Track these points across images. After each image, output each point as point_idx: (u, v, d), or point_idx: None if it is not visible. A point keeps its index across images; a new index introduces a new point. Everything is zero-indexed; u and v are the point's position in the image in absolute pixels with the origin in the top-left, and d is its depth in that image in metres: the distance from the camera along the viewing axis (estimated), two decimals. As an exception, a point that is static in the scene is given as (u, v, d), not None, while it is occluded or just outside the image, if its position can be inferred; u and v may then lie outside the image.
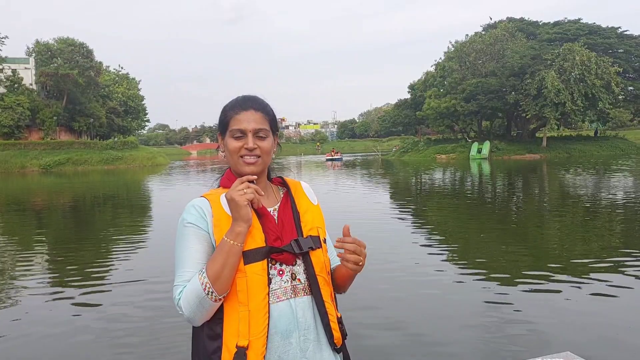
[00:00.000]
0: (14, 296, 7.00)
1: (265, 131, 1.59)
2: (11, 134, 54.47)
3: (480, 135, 57.61)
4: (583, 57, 45.45)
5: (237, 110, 1.59)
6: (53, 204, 20.58)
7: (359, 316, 5.49)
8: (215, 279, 1.42)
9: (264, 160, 1.60)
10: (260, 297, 1.47)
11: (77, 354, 4.88)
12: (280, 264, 1.54)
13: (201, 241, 1.52)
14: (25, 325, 5.72)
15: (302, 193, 1.71)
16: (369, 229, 11.16)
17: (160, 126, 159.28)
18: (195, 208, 1.55)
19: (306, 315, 1.53)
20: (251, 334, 1.45)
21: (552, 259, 8.08)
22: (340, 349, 1.62)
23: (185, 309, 1.45)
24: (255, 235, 1.50)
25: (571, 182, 22.21)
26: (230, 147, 1.58)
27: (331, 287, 1.62)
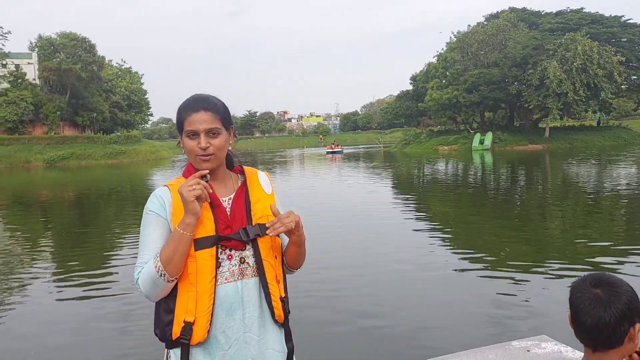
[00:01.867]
0: (20, 289, 7.17)
1: (217, 129, 1.70)
2: (15, 129, 54.69)
3: (483, 126, 57.51)
4: (585, 47, 45.28)
5: (188, 112, 1.71)
6: (58, 198, 20.80)
7: (361, 302, 5.67)
8: (167, 263, 1.60)
9: (218, 155, 1.72)
10: (207, 279, 1.64)
11: (83, 346, 5.05)
12: (230, 250, 1.70)
13: (160, 227, 1.70)
14: (32, 317, 5.88)
15: (257, 183, 1.84)
16: (371, 221, 11.32)
17: (164, 120, 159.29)
18: (157, 197, 1.73)
19: (252, 295, 1.70)
20: (197, 311, 1.63)
21: (554, 248, 8.24)
22: (283, 325, 1.78)
23: (142, 287, 1.65)
24: (206, 224, 1.67)
25: (574, 173, 22.28)
26: (186, 147, 1.72)
27: (277, 270, 1.77)
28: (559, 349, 2.79)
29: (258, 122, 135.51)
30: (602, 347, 1.52)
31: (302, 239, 1.76)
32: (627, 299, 1.48)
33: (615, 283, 1.51)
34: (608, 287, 1.50)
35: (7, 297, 6.67)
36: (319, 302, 5.82)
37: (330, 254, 8.03)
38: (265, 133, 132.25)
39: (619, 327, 1.46)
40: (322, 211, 12.73)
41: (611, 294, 1.49)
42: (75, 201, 19.69)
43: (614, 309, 1.46)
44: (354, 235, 9.75)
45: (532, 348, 2.82)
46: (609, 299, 1.48)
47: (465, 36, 56.65)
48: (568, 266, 6.90)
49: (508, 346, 2.88)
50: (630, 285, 1.52)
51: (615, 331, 1.47)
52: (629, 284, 1.52)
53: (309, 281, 6.33)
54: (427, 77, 63.67)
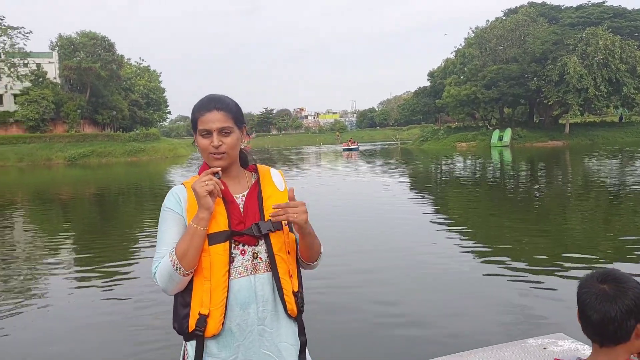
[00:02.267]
0: (41, 284, 7.33)
1: (229, 128, 1.77)
2: (37, 127, 55.58)
3: (502, 122, 56.89)
4: (607, 42, 44.50)
5: (202, 112, 1.77)
6: (79, 195, 21.15)
7: (376, 298, 5.68)
8: (182, 257, 1.66)
9: (230, 154, 1.79)
10: (220, 273, 1.70)
11: (104, 340, 5.13)
12: (243, 245, 1.76)
13: (177, 224, 1.77)
14: (51, 311, 6.01)
15: (269, 180, 1.89)
16: (388, 218, 11.31)
17: (182, 118, 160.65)
18: (173, 195, 1.82)
19: (265, 289, 1.75)
20: (212, 304, 1.70)
21: (574, 246, 8.14)
22: (296, 319, 1.83)
23: (159, 281, 1.72)
24: (220, 220, 1.73)
25: (595, 170, 21.95)
26: (200, 145, 1.79)
27: (290, 265, 1.80)
28: (575, 346, 2.77)
29: (275, 119, 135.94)
30: (608, 343, 1.52)
31: (306, 231, 1.77)
32: (633, 295, 1.48)
33: (622, 279, 1.52)
34: (615, 282, 1.51)
35: (27, 292, 6.81)
36: (334, 297, 5.85)
37: (346, 249, 8.05)
38: (281, 130, 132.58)
39: (625, 322, 1.47)
40: (338, 208, 12.74)
41: (617, 290, 1.50)
42: (96, 198, 20.00)
43: (620, 305, 1.47)
44: (371, 231, 9.76)
45: (548, 346, 2.81)
46: (616, 295, 1.49)
47: (483, 32, 56.06)
48: (587, 263, 6.82)
49: (524, 344, 2.86)
50: (638, 282, 1.52)
51: (621, 327, 1.48)
52: (638, 281, 1.52)
53: (323, 277, 6.36)
54: (444, 73, 63.17)
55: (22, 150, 51.33)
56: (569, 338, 2.89)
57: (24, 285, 7.22)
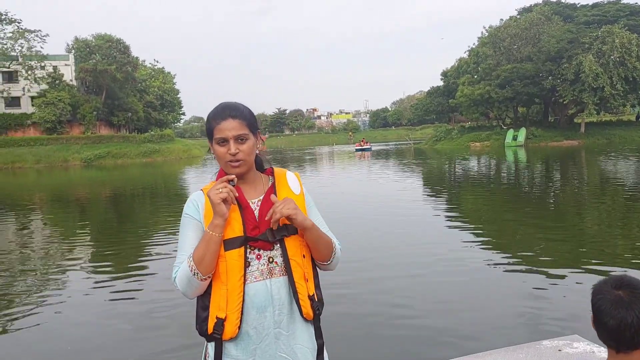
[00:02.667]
0: (58, 283, 7.44)
1: (245, 135, 1.81)
2: (54, 129, 56.31)
3: (516, 122, 56.42)
4: (623, 40, 43.97)
5: (217, 120, 1.81)
6: (95, 196, 21.42)
7: (391, 298, 5.72)
8: (199, 262, 1.72)
9: (247, 160, 1.83)
10: (236, 278, 1.75)
11: (121, 342, 5.21)
12: (258, 250, 1.80)
13: (195, 229, 1.83)
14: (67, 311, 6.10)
15: (285, 183, 1.92)
16: (402, 218, 11.32)
17: (196, 118, 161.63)
18: (192, 201, 1.87)
19: (281, 293, 1.79)
20: (228, 308, 1.75)
21: (590, 247, 8.09)
22: (313, 322, 1.86)
23: (179, 285, 1.79)
24: (235, 225, 1.78)
25: (611, 169, 21.72)
26: (217, 153, 1.84)
27: (305, 269, 1.83)
28: (591, 349, 2.79)
29: (288, 119, 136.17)
30: (625, 348, 1.54)
31: (302, 225, 1.78)
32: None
33: (637, 285, 1.53)
34: (630, 288, 1.53)
35: (44, 293, 6.92)
36: (345, 297, 5.89)
37: (361, 249, 8.08)
38: (294, 130, 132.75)
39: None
40: (352, 208, 12.78)
41: (633, 296, 1.52)
42: (112, 199, 20.24)
43: (637, 310, 1.49)
44: (385, 231, 9.78)
45: (563, 348, 2.83)
46: (631, 301, 1.51)
47: (497, 30, 55.64)
48: (604, 265, 6.78)
49: (539, 345, 2.89)
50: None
51: (638, 332, 1.49)
52: None
53: (334, 275, 6.40)
54: (458, 72, 62.81)
55: (40, 152, 52.07)
56: (585, 340, 2.91)
57: (40, 285, 7.36)
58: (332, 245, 1.90)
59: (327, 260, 1.91)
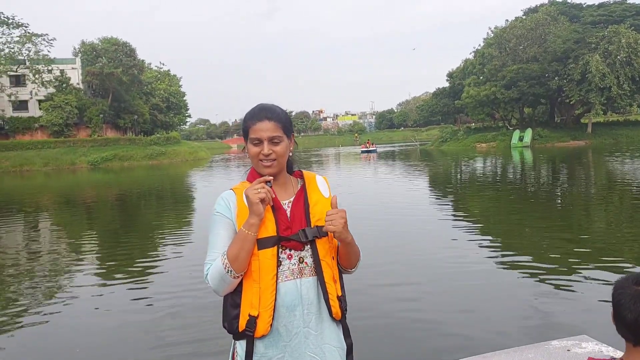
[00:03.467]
0: (65, 284, 7.49)
1: (279, 137, 1.86)
2: (61, 132, 56.73)
3: (522, 122, 56.26)
4: (630, 39, 43.81)
5: (254, 121, 1.86)
6: (102, 199, 21.54)
7: (398, 298, 5.74)
8: (233, 260, 1.75)
9: (279, 162, 1.87)
10: (269, 277, 1.78)
11: (128, 345, 5.24)
12: (290, 250, 1.83)
13: (226, 228, 1.85)
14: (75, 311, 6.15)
15: (315, 187, 1.97)
16: (408, 219, 11.33)
17: (201, 121, 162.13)
18: (224, 200, 1.89)
19: (310, 293, 1.83)
20: (261, 306, 1.77)
21: (597, 247, 8.07)
22: (340, 322, 1.90)
23: (211, 282, 1.80)
24: (268, 225, 1.81)
25: (618, 169, 21.62)
26: (250, 152, 1.88)
27: (334, 270, 1.88)
28: (599, 348, 2.80)
29: (294, 121, 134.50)
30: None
31: (344, 238, 1.82)
32: None
33: None
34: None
35: (52, 294, 6.97)
36: (352, 298, 5.91)
37: (368, 250, 8.09)
38: (301, 132, 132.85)
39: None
40: (360, 209, 12.80)
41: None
42: (119, 201, 20.35)
43: None
44: (392, 232, 9.79)
45: (572, 348, 2.84)
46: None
47: (503, 31, 55.54)
48: (610, 265, 6.77)
49: (548, 345, 2.90)
50: None
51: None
52: None
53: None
54: (464, 73, 62.72)
55: (47, 154, 52.46)
56: (593, 340, 2.92)
57: (49, 285, 7.41)
58: (359, 256, 1.96)
59: (353, 268, 1.98)
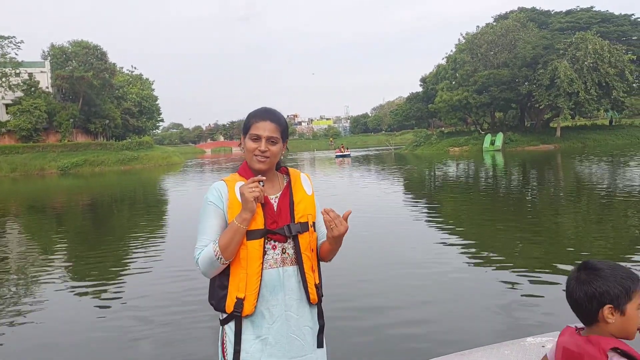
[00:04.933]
0: (36, 294, 7.28)
1: (276, 138, 2.07)
2: (29, 137, 55.37)
3: (494, 127, 57.27)
4: (596, 46, 45.02)
5: (257, 119, 2.07)
6: (72, 205, 21.08)
7: (374, 301, 5.75)
8: (224, 249, 1.95)
9: (272, 160, 2.08)
10: (255, 264, 1.99)
11: (97, 351, 5.14)
12: (275, 241, 2.05)
13: (217, 217, 2.04)
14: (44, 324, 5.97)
15: (299, 185, 2.18)
16: (384, 223, 11.39)
17: (174, 125, 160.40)
18: (216, 189, 2.07)
19: (291, 280, 2.05)
20: (247, 289, 1.99)
21: (567, 247, 8.26)
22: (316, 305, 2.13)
23: (201, 266, 2.00)
24: (257, 219, 2.00)
25: (586, 173, 22.16)
26: (247, 147, 2.07)
27: (313, 261, 2.11)
28: (573, 344, 2.85)
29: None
30: (585, 323, 1.70)
31: (337, 246, 2.11)
32: (601, 283, 1.61)
33: (601, 269, 1.64)
34: (590, 270, 1.66)
35: (21, 302, 6.79)
36: (332, 301, 5.91)
37: (345, 255, 8.10)
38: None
39: (589, 305, 1.62)
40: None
41: (589, 276, 1.65)
42: (90, 207, 19.95)
43: (585, 289, 1.63)
44: (367, 236, 9.82)
45: (547, 344, 2.88)
46: (585, 280, 1.64)
47: (474, 37, 56.48)
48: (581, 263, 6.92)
49: (523, 342, 2.94)
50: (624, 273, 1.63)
51: (586, 309, 1.64)
52: (624, 272, 1.63)
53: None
54: (436, 78, 63.52)
55: (15, 160, 51.08)
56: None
57: (17, 295, 7.21)
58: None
59: (330, 259, 2.22)
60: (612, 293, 1.59)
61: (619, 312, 1.60)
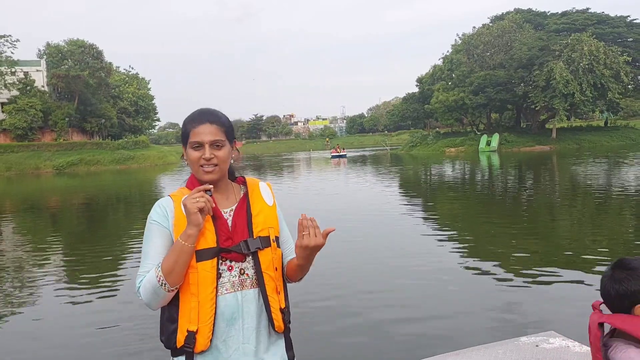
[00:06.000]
0: (30, 294, 7.27)
1: (221, 141, 1.75)
2: (25, 136, 55.19)
3: (489, 127, 57.44)
4: (591, 47, 45.20)
5: (194, 124, 1.75)
6: (67, 204, 21.03)
7: (369, 302, 5.78)
8: (168, 273, 1.63)
9: (221, 167, 1.76)
10: (208, 290, 1.68)
11: (89, 351, 5.13)
12: (230, 261, 1.74)
13: (162, 237, 1.73)
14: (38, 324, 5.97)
15: (258, 194, 1.86)
16: (378, 224, 11.41)
17: (171, 125, 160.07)
18: (160, 207, 1.76)
19: (251, 305, 1.74)
20: (200, 321, 1.67)
21: (561, 248, 8.30)
22: (283, 334, 1.83)
23: (143, 295, 1.68)
24: (208, 236, 1.70)
25: (581, 174, 22.26)
26: (190, 157, 1.75)
27: (277, 282, 1.80)
28: (566, 344, 2.89)
29: (264, 125, 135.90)
30: None
31: (308, 263, 1.79)
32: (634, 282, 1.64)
33: (635, 268, 1.67)
34: (625, 269, 1.69)
35: (14, 303, 6.80)
36: (330, 299, 5.93)
37: (337, 257, 8.13)
38: (271, 136, 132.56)
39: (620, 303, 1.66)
40: (329, 215, 12.83)
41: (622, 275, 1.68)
42: (85, 207, 19.91)
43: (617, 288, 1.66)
44: (362, 238, 9.84)
45: (540, 343, 2.92)
46: (619, 279, 1.67)
47: (470, 38, 56.65)
48: (575, 264, 6.97)
49: (517, 341, 2.97)
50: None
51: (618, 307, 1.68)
52: None
53: (320, 279, 6.44)
54: (433, 79, 63.67)
55: (10, 159, 50.91)
56: (560, 335, 3.01)
57: (10, 295, 7.20)
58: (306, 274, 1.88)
59: (297, 281, 1.92)
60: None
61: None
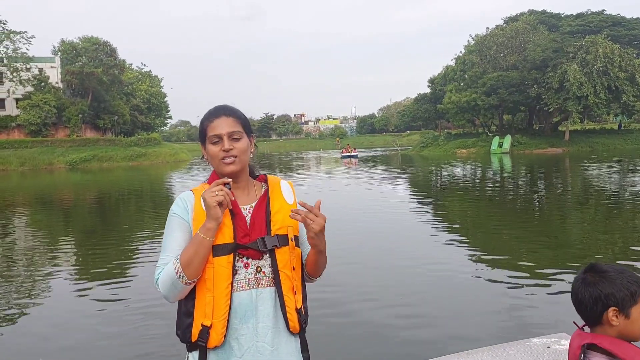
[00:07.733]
0: (39, 288, 7.35)
1: (239, 133, 1.77)
2: (39, 132, 55.79)
3: (502, 129, 57.06)
4: (606, 50, 44.75)
5: (211, 119, 1.78)
6: (80, 200, 21.24)
7: (380, 303, 5.79)
8: (186, 266, 1.64)
9: (241, 159, 1.77)
10: (223, 286, 1.68)
11: (100, 347, 5.17)
12: (247, 258, 1.73)
13: (182, 230, 1.75)
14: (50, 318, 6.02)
15: (278, 193, 1.85)
16: (390, 225, 11.41)
17: (182, 122, 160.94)
18: (182, 200, 1.79)
19: (266, 304, 1.72)
20: (214, 316, 1.68)
21: (574, 250, 8.26)
22: (298, 335, 1.80)
23: (161, 287, 1.70)
24: (225, 232, 1.71)
25: (595, 177, 22.07)
26: (210, 152, 1.77)
27: (294, 281, 1.77)
28: (578, 346, 2.88)
29: (275, 124, 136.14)
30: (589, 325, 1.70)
31: (318, 244, 1.75)
32: (607, 285, 1.62)
33: (607, 272, 1.65)
34: (597, 272, 1.68)
35: (26, 296, 6.87)
36: (337, 300, 5.95)
37: (348, 257, 8.15)
38: (282, 136, 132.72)
39: (593, 307, 1.63)
40: (339, 215, 12.85)
41: (595, 278, 1.66)
42: (97, 203, 20.09)
43: (590, 291, 1.64)
44: (372, 238, 9.86)
45: (552, 345, 2.92)
46: (591, 282, 1.66)
47: (484, 39, 56.31)
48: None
49: (528, 343, 2.97)
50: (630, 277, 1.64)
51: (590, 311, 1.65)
52: (630, 276, 1.64)
53: (326, 280, 6.46)
54: (445, 79, 63.39)
55: (24, 154, 51.48)
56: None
57: (23, 289, 7.28)
58: (326, 264, 1.87)
59: (319, 276, 1.90)
60: (617, 296, 1.61)
61: (623, 315, 1.62)
